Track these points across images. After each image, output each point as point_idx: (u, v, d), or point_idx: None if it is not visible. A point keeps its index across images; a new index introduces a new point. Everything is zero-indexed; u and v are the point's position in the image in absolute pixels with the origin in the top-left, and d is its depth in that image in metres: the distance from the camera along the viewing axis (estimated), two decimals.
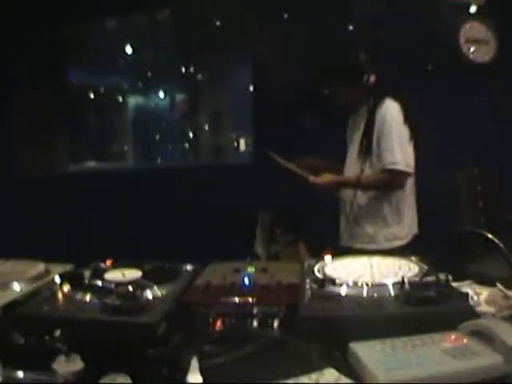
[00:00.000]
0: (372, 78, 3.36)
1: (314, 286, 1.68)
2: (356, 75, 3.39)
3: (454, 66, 5.15)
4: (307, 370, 1.32)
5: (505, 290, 1.97)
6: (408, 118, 3.34)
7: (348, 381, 1.27)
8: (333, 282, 1.67)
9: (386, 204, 3.40)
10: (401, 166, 3.26)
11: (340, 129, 3.67)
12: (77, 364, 1.35)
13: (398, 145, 3.26)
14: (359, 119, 3.49)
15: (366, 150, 3.36)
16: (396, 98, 3.38)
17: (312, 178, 3.36)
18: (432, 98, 4.72)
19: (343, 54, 3.55)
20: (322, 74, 3.58)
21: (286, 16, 5.08)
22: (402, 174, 3.31)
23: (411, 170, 3.31)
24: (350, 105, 3.55)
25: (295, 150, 3.88)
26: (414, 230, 3.50)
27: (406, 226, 3.44)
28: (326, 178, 3.39)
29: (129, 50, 5.92)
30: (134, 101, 6.30)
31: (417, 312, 1.50)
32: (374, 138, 3.34)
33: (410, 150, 3.32)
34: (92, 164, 6.06)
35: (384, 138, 3.29)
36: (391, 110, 3.33)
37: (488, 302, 1.89)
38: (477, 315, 1.60)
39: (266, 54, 5.11)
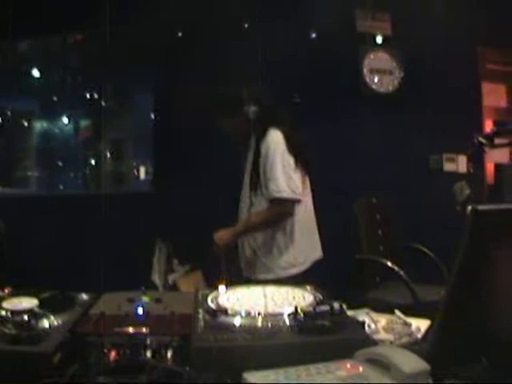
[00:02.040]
0: (252, 109, 3.43)
1: (207, 316, 1.70)
2: (235, 107, 3.47)
3: (357, 96, 5.32)
4: None
5: (403, 317, 2.01)
6: (293, 146, 3.41)
7: None
8: (225, 312, 1.69)
9: (279, 233, 3.47)
10: (285, 194, 3.32)
11: (236, 160, 3.74)
12: None
13: (281, 173, 3.32)
14: (249, 151, 3.58)
15: (255, 182, 3.44)
16: (280, 126, 3.44)
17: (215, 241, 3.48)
18: (333, 127, 4.86)
19: (226, 86, 3.66)
20: (208, 106, 3.67)
21: (189, 45, 5.14)
22: (288, 201, 3.38)
23: (297, 196, 3.39)
24: (238, 137, 3.63)
25: (195, 179, 3.92)
26: (312, 256, 3.56)
27: (300, 253, 3.50)
28: (222, 236, 3.50)
29: (36, 73, 5.86)
30: (39, 125, 6.21)
31: (310, 341, 1.52)
32: (261, 169, 3.41)
33: (295, 177, 3.39)
34: None
35: (268, 167, 3.36)
36: (274, 140, 3.40)
37: (386, 329, 1.93)
38: (374, 343, 1.63)
39: (169, 83, 5.16)
